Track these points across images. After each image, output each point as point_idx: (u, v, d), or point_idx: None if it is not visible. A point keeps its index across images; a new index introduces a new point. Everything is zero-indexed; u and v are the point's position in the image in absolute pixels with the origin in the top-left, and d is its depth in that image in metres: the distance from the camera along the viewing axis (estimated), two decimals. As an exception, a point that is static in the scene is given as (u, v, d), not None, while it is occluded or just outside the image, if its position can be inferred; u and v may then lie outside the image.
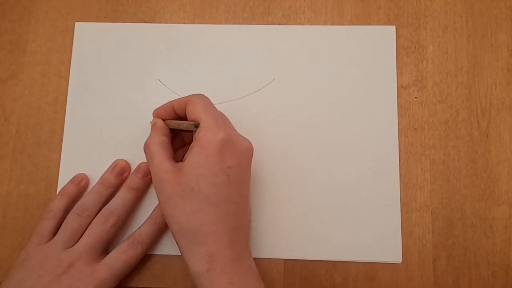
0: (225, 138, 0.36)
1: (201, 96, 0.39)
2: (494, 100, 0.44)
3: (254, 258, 0.41)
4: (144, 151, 0.39)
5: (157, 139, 0.39)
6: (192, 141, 0.40)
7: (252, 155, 0.38)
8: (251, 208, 0.41)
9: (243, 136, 0.38)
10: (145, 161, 0.42)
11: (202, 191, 0.35)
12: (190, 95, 0.39)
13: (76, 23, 0.46)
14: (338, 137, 0.43)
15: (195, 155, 0.36)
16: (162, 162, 0.37)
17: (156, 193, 0.37)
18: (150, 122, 0.42)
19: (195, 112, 0.37)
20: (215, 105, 0.44)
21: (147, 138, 0.39)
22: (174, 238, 0.36)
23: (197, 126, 0.37)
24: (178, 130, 0.41)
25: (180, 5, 0.46)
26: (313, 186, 0.42)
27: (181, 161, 0.38)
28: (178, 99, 0.40)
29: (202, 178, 0.35)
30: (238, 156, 0.36)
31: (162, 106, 0.41)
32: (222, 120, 0.38)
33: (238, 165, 0.36)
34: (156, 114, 0.41)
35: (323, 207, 0.42)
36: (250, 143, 0.38)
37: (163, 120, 0.41)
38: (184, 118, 0.40)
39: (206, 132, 0.36)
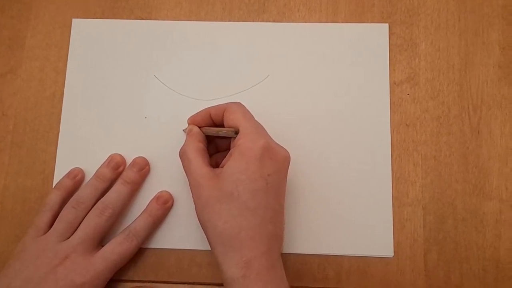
0: (265, 146, 0.36)
1: (239, 104, 0.39)
2: (485, 97, 0.44)
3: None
4: (180, 157, 0.39)
5: (194, 145, 0.39)
6: (227, 148, 0.41)
7: (289, 164, 0.38)
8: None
9: (280, 145, 0.38)
10: (140, 155, 0.43)
11: (241, 197, 0.35)
12: (228, 102, 0.40)
13: (73, 20, 0.47)
14: (331, 133, 0.44)
15: (235, 161, 0.36)
16: (200, 168, 0.37)
17: (193, 198, 0.37)
18: (184, 130, 0.43)
19: (234, 119, 0.38)
20: (210, 101, 0.45)
21: (183, 145, 0.39)
22: (209, 242, 0.36)
23: (237, 132, 0.37)
24: (213, 137, 0.41)
25: (176, 2, 0.47)
26: (305, 181, 0.43)
27: (216, 167, 0.38)
28: (214, 106, 0.40)
29: (242, 184, 0.35)
30: (277, 164, 0.36)
31: (198, 113, 0.41)
32: (260, 128, 0.38)
33: (276, 173, 0.36)
34: (192, 121, 0.41)
35: (315, 202, 0.43)
36: (287, 152, 0.38)
37: (199, 127, 0.41)
38: (220, 125, 0.40)
39: (246, 139, 0.36)
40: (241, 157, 0.36)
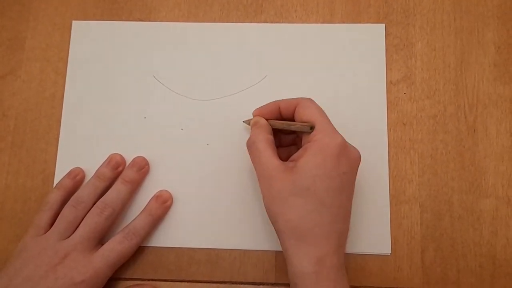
0: (342, 144, 0.36)
1: (312, 100, 0.39)
2: (481, 96, 0.45)
3: (247, 250, 0.42)
4: (248, 148, 0.38)
5: (264, 137, 0.38)
6: (289, 144, 0.42)
7: (359, 165, 0.37)
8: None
9: (352, 145, 0.37)
10: (140, 155, 0.43)
11: (318, 192, 0.35)
12: (299, 98, 0.39)
13: (73, 22, 0.47)
14: (329, 132, 0.44)
15: (312, 156, 0.35)
16: (272, 160, 0.36)
17: (262, 189, 0.37)
18: (245, 121, 0.43)
19: (309, 114, 0.37)
20: (208, 101, 0.45)
21: (251, 135, 0.39)
22: (279, 234, 0.36)
23: (312, 128, 0.37)
24: (276, 131, 0.40)
25: (175, 3, 0.47)
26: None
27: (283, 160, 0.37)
28: (285, 100, 0.40)
29: (319, 180, 0.35)
30: (351, 163, 0.36)
31: (265, 105, 0.41)
32: (333, 126, 0.38)
33: (350, 172, 0.36)
34: (259, 113, 0.41)
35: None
36: (359, 152, 0.37)
37: (266, 119, 0.40)
38: (288, 119, 0.40)
39: (325, 135, 0.36)
40: (319, 152, 0.35)
